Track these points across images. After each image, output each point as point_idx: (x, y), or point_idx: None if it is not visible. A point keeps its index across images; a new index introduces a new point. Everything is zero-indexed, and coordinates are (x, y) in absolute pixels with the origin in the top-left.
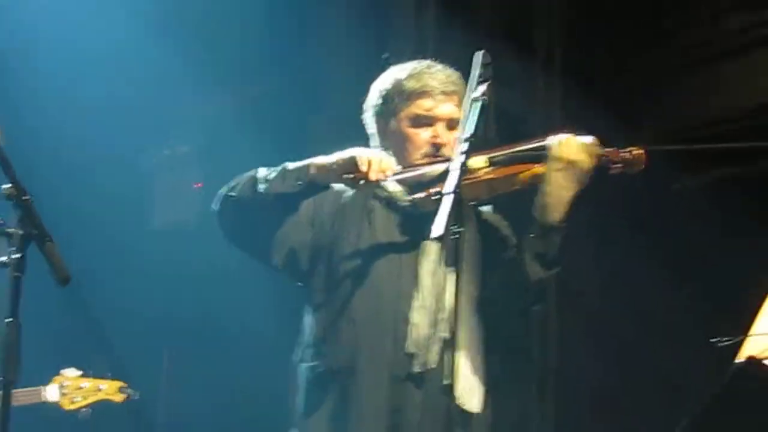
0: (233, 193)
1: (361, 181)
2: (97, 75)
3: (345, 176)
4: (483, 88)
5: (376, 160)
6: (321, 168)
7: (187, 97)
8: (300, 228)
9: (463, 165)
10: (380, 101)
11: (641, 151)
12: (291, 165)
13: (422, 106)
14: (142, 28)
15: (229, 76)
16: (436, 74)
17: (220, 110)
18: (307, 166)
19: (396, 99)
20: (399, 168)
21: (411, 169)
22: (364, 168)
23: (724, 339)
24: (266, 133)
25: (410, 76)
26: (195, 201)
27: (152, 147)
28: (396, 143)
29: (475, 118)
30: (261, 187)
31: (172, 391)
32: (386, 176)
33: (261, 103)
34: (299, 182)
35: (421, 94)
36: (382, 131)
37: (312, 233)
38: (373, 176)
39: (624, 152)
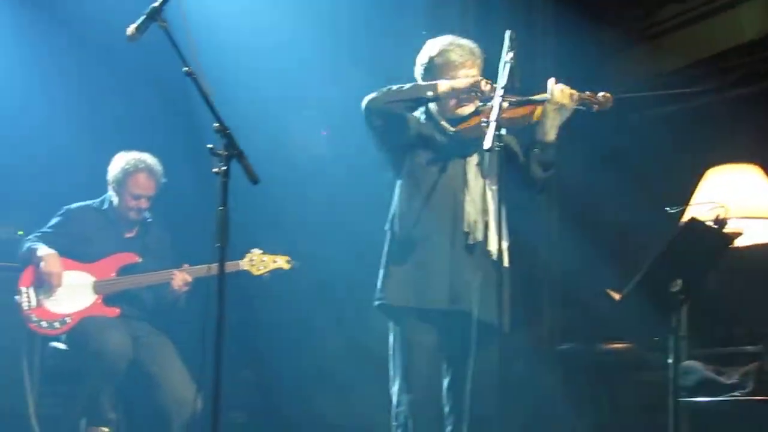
0: (378, 95)
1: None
2: (271, 61)
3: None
4: (510, 54)
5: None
6: (449, 86)
7: (324, 76)
8: (413, 121)
9: (500, 104)
10: (422, 71)
11: (609, 96)
12: (422, 82)
13: (449, 74)
14: (300, 27)
15: (348, 63)
16: (455, 49)
17: (342, 85)
18: (436, 84)
19: (432, 71)
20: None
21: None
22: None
23: (675, 208)
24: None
25: (438, 54)
26: (323, 141)
27: (302, 108)
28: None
29: (506, 73)
30: (396, 89)
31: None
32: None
33: (367, 78)
34: (429, 93)
35: (447, 66)
36: None
37: (413, 129)
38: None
39: (598, 96)
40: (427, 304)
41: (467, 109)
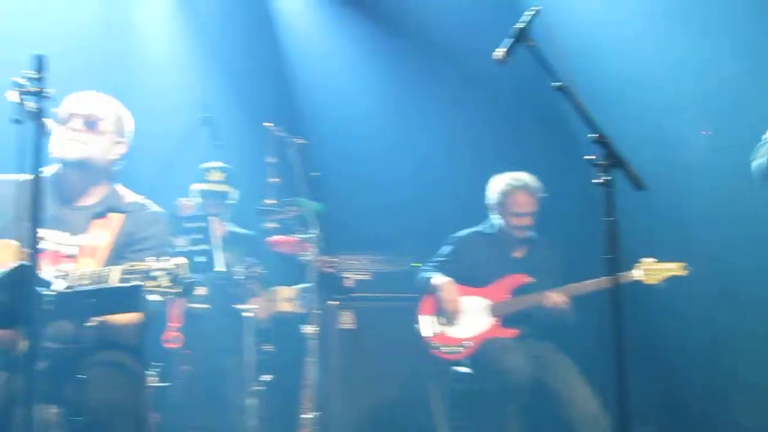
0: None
1: None
2: (642, 65)
3: None
4: None
5: None
6: None
7: (702, 74)
8: None
9: None
10: None
11: None
12: None
13: None
14: (671, 27)
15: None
16: None
17: (721, 81)
18: None
19: None
20: None
21: None
22: None
23: None
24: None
25: None
26: (705, 140)
27: (680, 109)
28: None
29: None
30: None
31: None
32: None
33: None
34: None
35: None
36: None
37: None
38: None
39: None
40: None
41: None
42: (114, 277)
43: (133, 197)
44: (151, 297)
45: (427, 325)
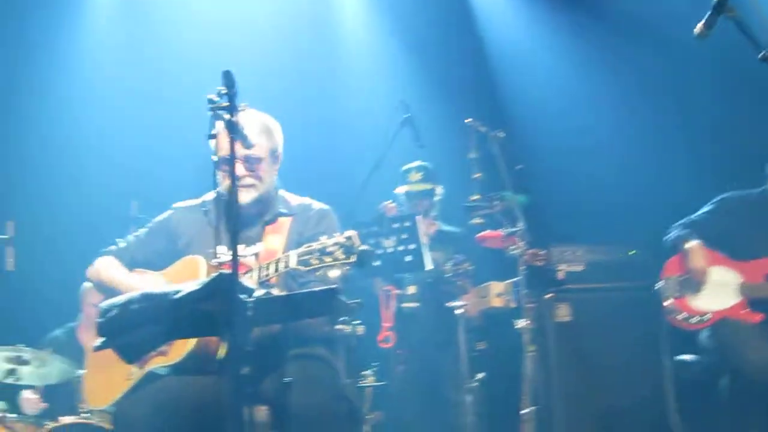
0: None
1: None
2: None
3: None
4: None
5: None
6: None
7: None
8: None
9: None
10: None
11: None
12: None
13: None
14: None
15: None
16: None
17: None
18: None
19: None
20: None
21: None
22: None
23: None
24: None
25: None
26: None
27: None
28: None
29: None
30: None
31: None
32: None
33: None
34: None
35: None
36: None
37: None
38: None
39: None
40: None
41: None
42: (292, 260)
43: (298, 200)
44: (331, 273)
45: (669, 287)
